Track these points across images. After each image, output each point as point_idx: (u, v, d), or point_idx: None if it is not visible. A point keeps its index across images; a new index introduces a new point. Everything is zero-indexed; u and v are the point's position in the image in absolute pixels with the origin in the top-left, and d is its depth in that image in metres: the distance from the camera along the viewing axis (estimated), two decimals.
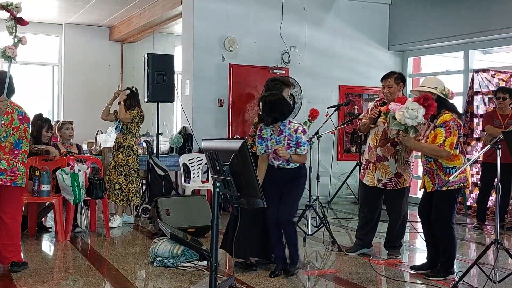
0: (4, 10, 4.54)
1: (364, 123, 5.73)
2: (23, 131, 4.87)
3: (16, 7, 4.56)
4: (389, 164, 5.50)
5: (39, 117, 6.71)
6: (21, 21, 4.58)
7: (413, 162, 5.72)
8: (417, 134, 4.96)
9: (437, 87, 4.91)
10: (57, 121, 8.01)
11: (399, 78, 5.64)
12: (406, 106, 4.75)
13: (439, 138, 4.76)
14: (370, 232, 5.82)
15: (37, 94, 13.28)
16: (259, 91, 9.17)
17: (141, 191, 7.76)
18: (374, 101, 5.94)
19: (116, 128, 7.42)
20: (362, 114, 6.04)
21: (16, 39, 4.59)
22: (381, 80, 5.71)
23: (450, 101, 4.99)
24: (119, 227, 7.13)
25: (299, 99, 8.70)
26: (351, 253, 5.79)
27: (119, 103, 7.23)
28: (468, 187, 5.12)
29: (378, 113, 5.52)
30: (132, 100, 7.30)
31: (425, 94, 4.83)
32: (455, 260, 5.05)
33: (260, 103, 4.93)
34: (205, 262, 5.17)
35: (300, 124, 4.96)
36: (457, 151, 4.86)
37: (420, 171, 5.18)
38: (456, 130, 4.77)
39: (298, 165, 4.95)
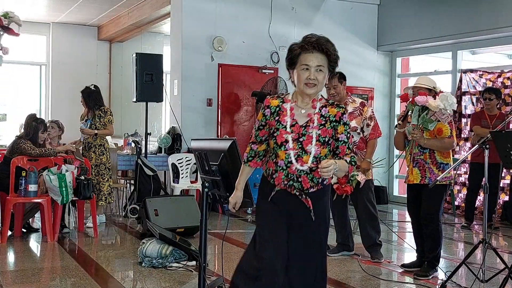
0: None
1: None
2: None
3: (9, 17, 4.52)
4: None
5: (33, 118, 6.51)
6: (8, 31, 4.54)
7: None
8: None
9: (434, 87, 5.03)
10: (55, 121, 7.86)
11: (342, 77, 5.55)
12: (447, 94, 4.76)
13: (446, 131, 4.85)
14: (348, 235, 5.79)
15: (25, 93, 13.19)
16: (248, 91, 9.19)
17: (125, 190, 7.71)
18: None
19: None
20: None
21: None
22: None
23: None
24: (100, 224, 7.15)
25: None
26: (333, 255, 5.75)
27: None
28: (452, 181, 5.20)
29: None
30: (98, 97, 7.37)
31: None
32: (443, 260, 5.08)
33: None
34: (194, 262, 5.16)
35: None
36: None
37: (404, 171, 5.18)
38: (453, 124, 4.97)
39: None
